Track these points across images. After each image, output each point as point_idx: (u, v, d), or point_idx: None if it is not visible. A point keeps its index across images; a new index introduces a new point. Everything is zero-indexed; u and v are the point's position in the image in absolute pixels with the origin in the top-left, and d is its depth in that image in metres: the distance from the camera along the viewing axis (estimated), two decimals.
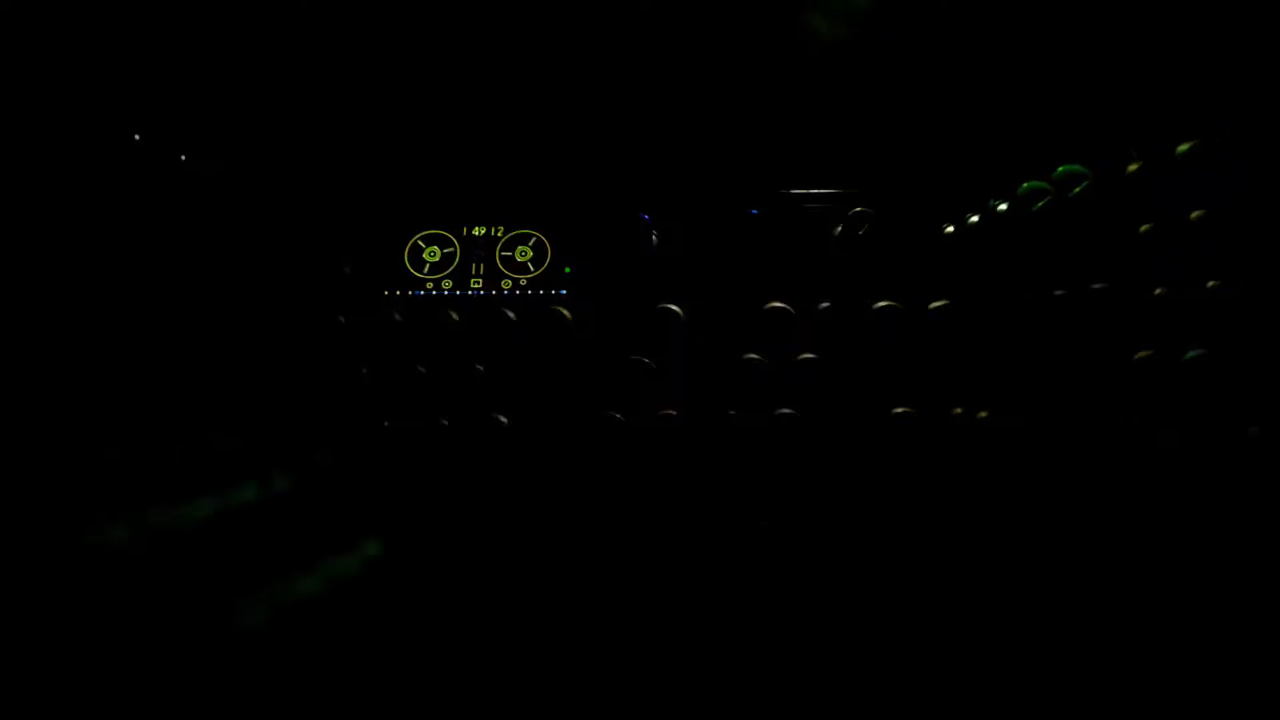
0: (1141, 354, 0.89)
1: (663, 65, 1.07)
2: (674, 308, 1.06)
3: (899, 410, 1.02)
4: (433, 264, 1.12)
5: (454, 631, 0.97)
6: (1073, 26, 0.97)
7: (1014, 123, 1.04)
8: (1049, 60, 1.00)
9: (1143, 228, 0.90)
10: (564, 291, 1.10)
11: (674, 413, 1.04)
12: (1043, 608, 0.91)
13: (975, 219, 1.04)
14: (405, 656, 0.95)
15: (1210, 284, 0.84)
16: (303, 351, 1.09)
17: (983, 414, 0.99)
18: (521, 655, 0.95)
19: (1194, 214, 0.86)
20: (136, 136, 1.05)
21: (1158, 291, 0.89)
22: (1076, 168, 0.97)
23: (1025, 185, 0.99)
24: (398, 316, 1.09)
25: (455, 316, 1.08)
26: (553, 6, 1.02)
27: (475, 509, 1.03)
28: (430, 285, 1.11)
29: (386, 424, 1.07)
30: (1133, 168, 0.90)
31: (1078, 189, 0.95)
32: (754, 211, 1.09)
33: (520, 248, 1.12)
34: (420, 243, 1.13)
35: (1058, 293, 0.98)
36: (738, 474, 1.03)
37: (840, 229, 1.06)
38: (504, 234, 1.12)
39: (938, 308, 1.03)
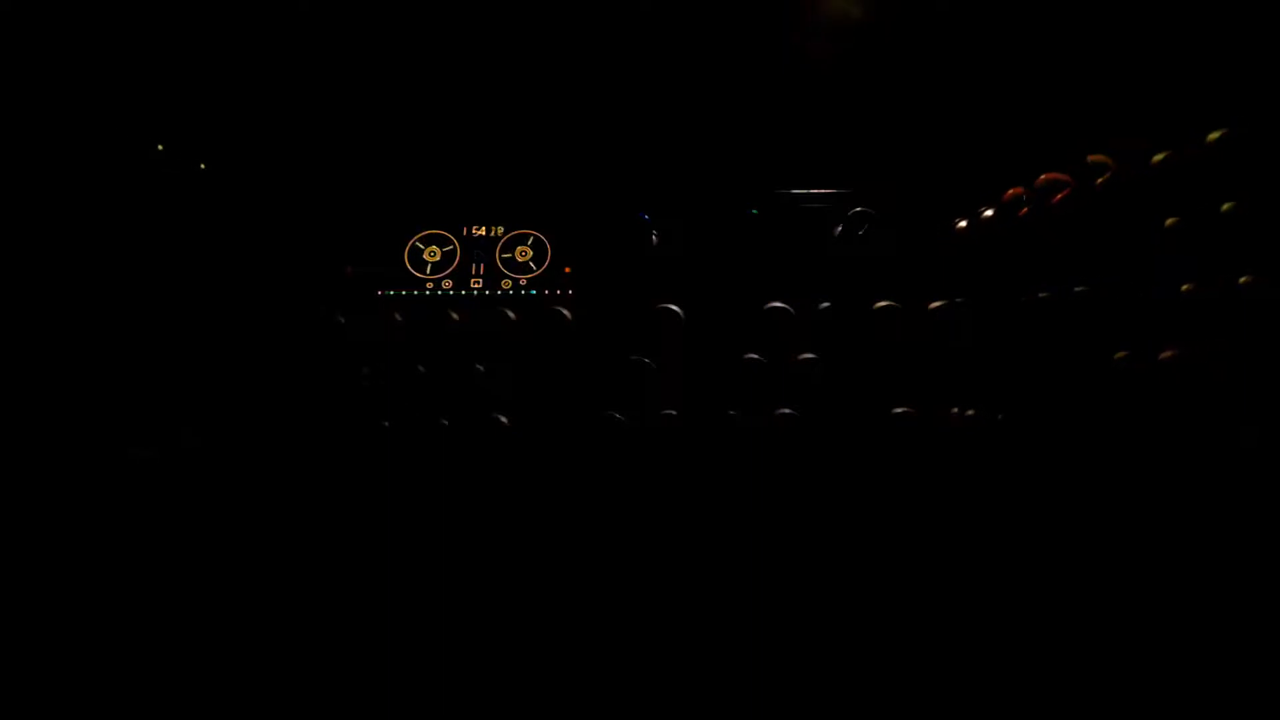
0: (1143, 355, 0.89)
1: (662, 65, 1.06)
2: (674, 308, 1.06)
3: (899, 410, 1.02)
4: (433, 264, 1.12)
5: (455, 631, 0.97)
6: (1070, 26, 0.97)
7: (1013, 122, 1.04)
8: (1047, 60, 1.00)
9: (1147, 227, 0.90)
10: (565, 291, 1.10)
11: (674, 413, 1.04)
12: (1043, 607, 0.91)
13: (977, 218, 1.03)
14: (405, 657, 0.95)
15: (1221, 283, 0.82)
16: (302, 352, 1.09)
17: (984, 414, 0.99)
18: (521, 655, 0.96)
19: (1200, 213, 0.85)
20: (134, 135, 1.05)
21: (1162, 292, 0.89)
22: (1103, 158, 0.95)
23: (1044, 177, 0.98)
24: (398, 316, 1.09)
25: (455, 316, 1.08)
26: (553, 7, 1.02)
27: (475, 509, 1.03)
28: (430, 285, 1.11)
29: (386, 424, 1.07)
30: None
31: (1102, 179, 0.93)
32: (754, 211, 1.08)
33: (520, 248, 1.12)
34: (420, 243, 1.13)
35: (1060, 292, 0.98)
36: (738, 474, 1.03)
37: (840, 229, 1.06)
38: (504, 234, 1.12)
39: (938, 308, 1.03)
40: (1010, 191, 1.00)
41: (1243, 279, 0.80)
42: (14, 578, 0.92)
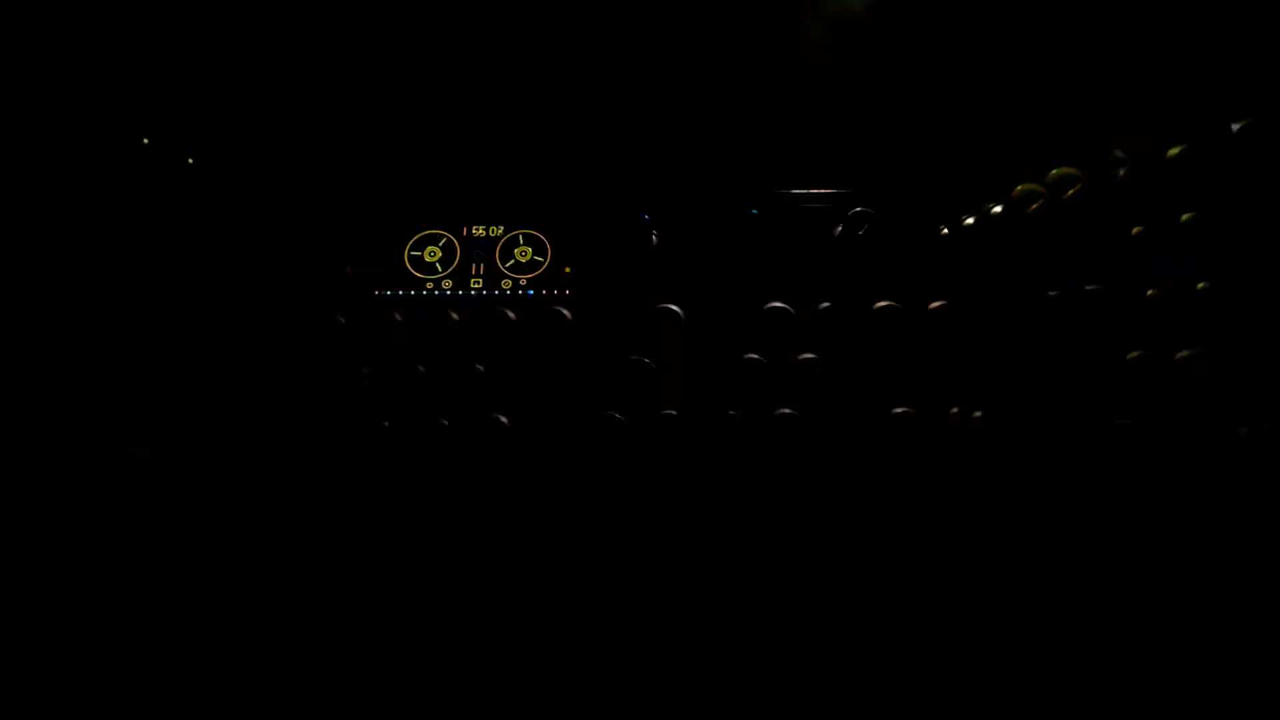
0: (1138, 354, 0.90)
1: (662, 65, 1.06)
2: (674, 308, 1.06)
3: (899, 410, 1.02)
4: (433, 264, 1.12)
5: (454, 631, 0.97)
6: (1069, 26, 0.98)
7: (1012, 123, 1.04)
8: (1045, 60, 1.00)
9: (1137, 229, 0.91)
10: (565, 291, 1.10)
11: (674, 413, 1.04)
12: (1043, 606, 0.91)
13: (974, 219, 1.04)
14: (405, 657, 0.95)
15: (1203, 285, 0.84)
16: (302, 352, 1.09)
17: (982, 414, 1.00)
18: (521, 653, 0.96)
19: (1186, 216, 0.87)
20: (133, 135, 1.05)
21: (1152, 292, 0.90)
22: (1071, 170, 0.97)
23: (1021, 188, 0.99)
24: (398, 316, 1.09)
25: (455, 316, 1.08)
26: (552, 6, 1.02)
27: (475, 509, 1.03)
28: (430, 285, 1.11)
29: (386, 424, 1.07)
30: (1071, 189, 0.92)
31: (1072, 190, 0.95)
32: (754, 211, 1.08)
33: (520, 248, 1.12)
34: (420, 243, 1.12)
35: (1057, 293, 0.98)
36: (738, 474, 1.03)
37: (840, 229, 1.07)
38: (504, 234, 1.12)
39: (937, 308, 1.03)
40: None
41: (1200, 284, 0.83)
42: (13, 578, 0.92)
